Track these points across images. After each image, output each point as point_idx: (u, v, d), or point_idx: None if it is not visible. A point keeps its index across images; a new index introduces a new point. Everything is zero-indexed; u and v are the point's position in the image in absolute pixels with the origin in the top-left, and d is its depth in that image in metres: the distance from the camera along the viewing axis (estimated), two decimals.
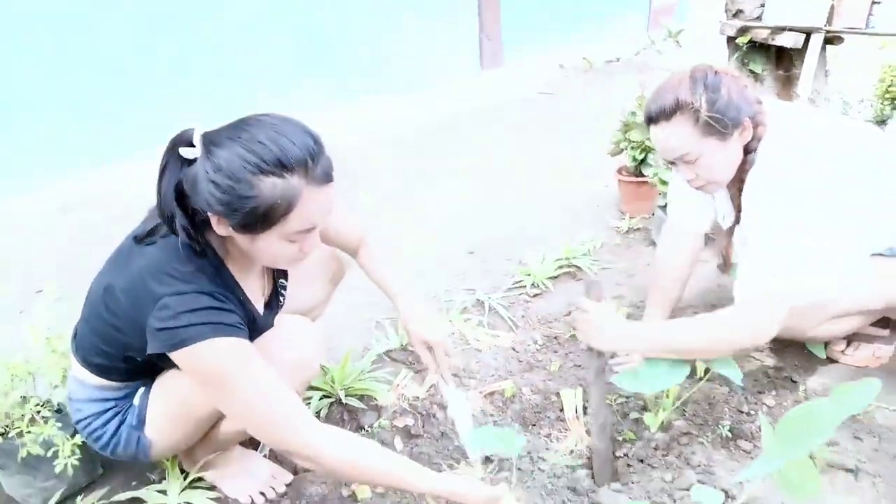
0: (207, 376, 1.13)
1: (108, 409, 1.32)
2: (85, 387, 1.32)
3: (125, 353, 1.22)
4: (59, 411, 1.47)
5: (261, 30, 4.50)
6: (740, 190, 1.52)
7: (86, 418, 1.33)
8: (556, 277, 2.36)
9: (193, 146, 1.06)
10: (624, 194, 2.85)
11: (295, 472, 1.51)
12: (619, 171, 2.81)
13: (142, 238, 1.17)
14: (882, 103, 3.19)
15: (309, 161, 1.06)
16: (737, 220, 1.65)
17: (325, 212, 1.14)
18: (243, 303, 1.25)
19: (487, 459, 1.52)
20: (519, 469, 1.49)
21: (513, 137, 4.25)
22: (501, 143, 4.13)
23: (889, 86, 3.15)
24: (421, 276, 2.43)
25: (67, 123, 3.66)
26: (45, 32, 3.51)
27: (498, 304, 2.18)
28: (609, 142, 2.78)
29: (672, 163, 1.53)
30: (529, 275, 2.32)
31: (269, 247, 1.12)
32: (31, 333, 1.46)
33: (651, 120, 1.48)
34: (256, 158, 1.03)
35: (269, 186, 1.03)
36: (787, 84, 2.80)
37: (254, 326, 1.26)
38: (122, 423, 1.32)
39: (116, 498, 1.45)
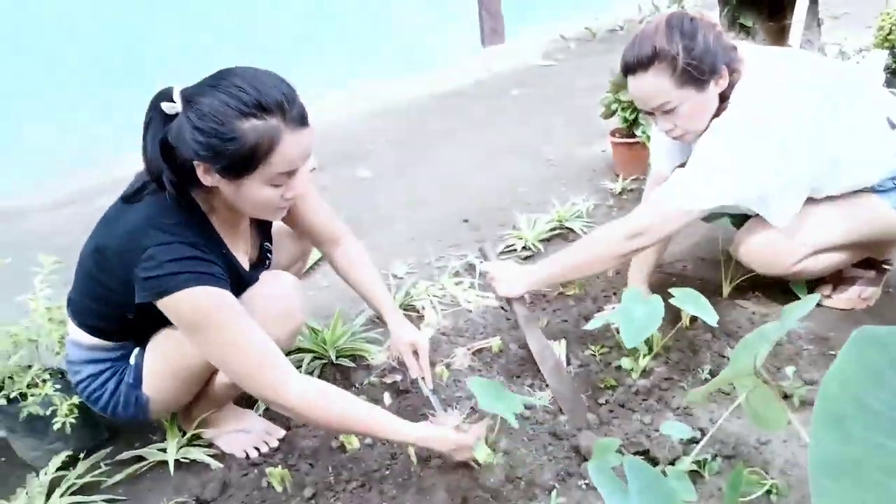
0: (190, 323, 1.18)
1: (106, 370, 1.39)
2: (81, 348, 1.38)
3: (118, 310, 1.28)
4: (61, 376, 1.55)
5: (262, 11, 4.55)
6: None
7: (84, 379, 1.39)
8: (548, 240, 2.38)
9: (174, 102, 1.13)
10: (617, 157, 2.85)
11: (288, 427, 1.58)
12: (612, 134, 2.81)
13: (129, 198, 1.23)
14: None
15: (285, 104, 1.12)
16: None
17: (305, 155, 1.19)
18: (227, 257, 1.30)
19: (473, 410, 1.57)
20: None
21: (511, 109, 4.25)
22: (499, 115, 4.14)
23: (888, 34, 3.08)
24: (415, 244, 2.48)
25: (87, 115, 3.76)
26: (61, 31, 3.61)
27: None
28: (600, 104, 2.78)
29: (650, 113, 1.54)
30: (521, 238, 2.34)
31: (254, 192, 1.17)
32: (33, 303, 1.54)
33: (629, 70, 1.47)
34: (236, 101, 1.09)
35: (251, 128, 1.09)
36: (779, 36, 2.77)
37: (239, 282, 1.31)
38: (119, 382, 1.38)
39: (120, 457, 1.53)
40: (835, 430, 0.67)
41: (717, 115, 1.50)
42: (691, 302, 1.49)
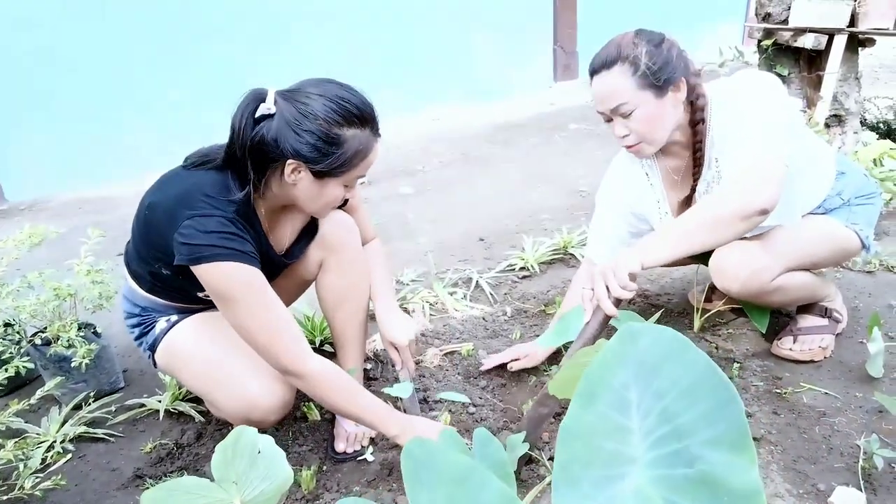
0: (218, 292, 1.26)
1: (135, 315, 1.56)
2: (127, 290, 1.56)
3: (155, 263, 1.37)
4: (93, 329, 1.86)
5: (354, 44, 4.97)
6: (696, 161, 1.59)
7: (126, 318, 1.57)
8: (549, 263, 2.50)
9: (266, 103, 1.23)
10: None
11: None
12: None
13: (190, 166, 1.34)
14: None
15: (375, 117, 1.28)
16: (692, 191, 1.66)
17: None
18: (261, 239, 1.38)
19: (424, 402, 1.72)
20: (450, 411, 1.68)
21: (561, 142, 4.39)
22: (548, 147, 4.29)
23: None
24: (430, 256, 2.67)
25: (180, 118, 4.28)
26: (165, 37, 4.15)
27: (486, 282, 2.36)
28: None
29: (609, 120, 1.56)
30: (523, 259, 2.48)
31: (331, 191, 1.31)
32: (77, 267, 1.85)
33: (594, 71, 1.50)
34: (343, 110, 1.22)
35: (352, 135, 1.24)
36: (817, 86, 2.75)
37: (267, 261, 1.40)
38: (143, 334, 1.55)
39: (126, 403, 1.80)
40: (585, 402, 0.79)
41: (694, 137, 1.56)
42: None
